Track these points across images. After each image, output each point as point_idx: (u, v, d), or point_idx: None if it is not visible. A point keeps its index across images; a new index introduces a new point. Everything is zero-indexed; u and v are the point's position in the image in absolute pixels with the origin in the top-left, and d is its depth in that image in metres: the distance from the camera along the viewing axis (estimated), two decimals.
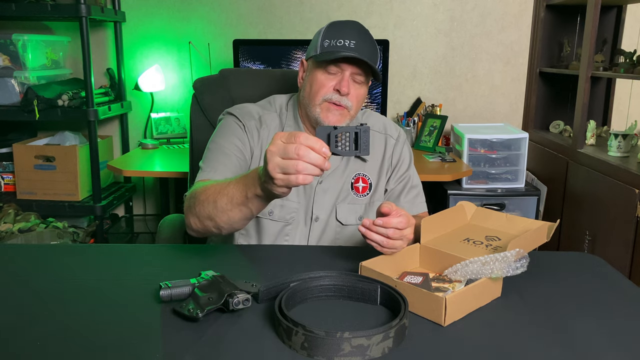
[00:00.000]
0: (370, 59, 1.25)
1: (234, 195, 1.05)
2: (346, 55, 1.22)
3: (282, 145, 0.90)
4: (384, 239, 1.02)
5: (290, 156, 0.89)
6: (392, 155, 1.42)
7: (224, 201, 1.06)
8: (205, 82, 1.64)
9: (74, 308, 0.94)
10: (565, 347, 0.84)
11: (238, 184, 1.04)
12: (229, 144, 1.30)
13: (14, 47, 2.53)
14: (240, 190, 1.03)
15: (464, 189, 2.53)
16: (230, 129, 1.33)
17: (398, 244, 1.04)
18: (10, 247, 1.68)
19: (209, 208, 1.09)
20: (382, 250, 1.04)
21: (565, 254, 1.50)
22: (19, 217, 2.42)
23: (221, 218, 1.08)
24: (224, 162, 1.27)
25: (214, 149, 1.31)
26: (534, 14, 2.90)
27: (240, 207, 1.05)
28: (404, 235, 1.04)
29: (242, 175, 1.05)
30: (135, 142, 3.00)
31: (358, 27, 1.28)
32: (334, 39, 1.25)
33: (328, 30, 1.28)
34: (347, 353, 0.78)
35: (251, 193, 1.01)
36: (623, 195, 1.99)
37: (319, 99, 1.27)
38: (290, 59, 2.62)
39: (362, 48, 1.25)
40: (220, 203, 1.07)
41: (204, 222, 1.12)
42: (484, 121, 3.00)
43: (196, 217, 1.13)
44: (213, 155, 1.29)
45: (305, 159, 0.89)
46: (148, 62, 2.93)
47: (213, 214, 1.09)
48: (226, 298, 0.90)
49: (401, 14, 2.91)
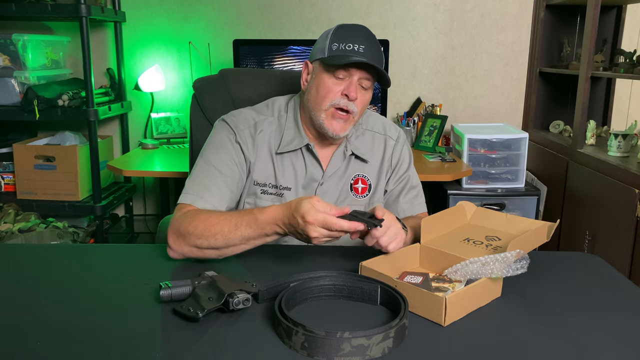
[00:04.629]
0: (378, 63, 1.24)
1: (249, 236, 1.10)
2: (358, 61, 1.21)
3: (322, 217, 1.01)
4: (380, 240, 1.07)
5: (333, 235, 1.03)
6: (391, 156, 1.42)
7: (237, 240, 1.11)
8: (205, 82, 1.64)
9: (74, 308, 0.94)
10: (565, 347, 0.84)
11: (250, 226, 1.10)
12: (218, 161, 1.27)
13: (14, 47, 2.53)
14: (256, 232, 1.10)
15: (464, 189, 2.53)
16: (220, 142, 1.30)
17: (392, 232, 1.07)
18: (10, 247, 1.68)
19: (217, 243, 1.11)
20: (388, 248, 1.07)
21: (565, 254, 1.50)
22: (19, 217, 2.42)
23: (232, 250, 1.13)
24: (210, 187, 1.24)
25: (202, 166, 1.28)
26: (534, 14, 2.90)
27: (255, 241, 1.12)
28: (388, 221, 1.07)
29: (254, 218, 1.10)
30: (136, 142, 3.00)
31: (366, 32, 1.27)
32: (343, 42, 1.24)
33: (336, 34, 1.26)
34: (347, 353, 0.78)
35: (270, 232, 1.10)
36: (623, 195, 1.99)
37: (326, 104, 1.26)
38: (290, 59, 2.62)
39: (371, 53, 1.24)
40: (232, 241, 1.11)
41: (205, 253, 1.14)
42: (484, 121, 3.00)
43: (195, 247, 1.13)
44: (199, 178, 1.26)
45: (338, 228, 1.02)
46: (148, 62, 2.93)
47: (221, 247, 1.12)
48: (226, 298, 0.90)
49: (401, 14, 2.91)
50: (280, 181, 1.32)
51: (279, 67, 2.62)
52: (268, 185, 1.32)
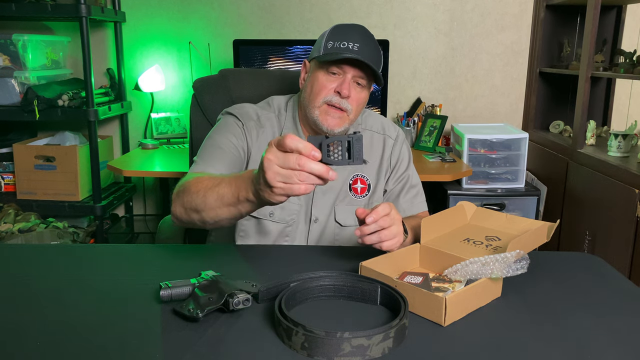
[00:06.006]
0: (373, 62, 1.24)
1: (225, 194, 1.02)
2: (348, 57, 1.22)
3: (281, 154, 0.87)
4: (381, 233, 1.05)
5: (291, 166, 0.86)
6: (390, 155, 1.42)
7: (214, 198, 1.03)
8: (205, 82, 1.64)
9: (74, 308, 0.94)
10: (565, 347, 0.84)
11: (230, 184, 1.02)
12: (225, 140, 1.29)
13: (14, 47, 2.53)
14: (232, 191, 1.01)
15: (464, 189, 2.53)
16: (227, 126, 1.33)
17: (395, 230, 1.06)
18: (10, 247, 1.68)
19: (197, 201, 1.06)
20: (383, 245, 1.06)
21: (565, 254, 1.50)
22: (19, 217, 2.42)
23: (208, 214, 1.06)
24: (219, 156, 1.26)
25: (209, 144, 1.30)
26: (534, 14, 2.90)
27: (229, 207, 1.03)
28: (394, 219, 1.06)
29: (236, 176, 1.03)
30: (136, 142, 3.00)
31: (362, 31, 1.28)
32: (338, 41, 1.25)
33: (332, 33, 1.28)
34: (347, 353, 0.78)
35: (243, 196, 0.99)
36: (623, 195, 1.99)
37: (319, 100, 1.27)
38: (290, 59, 2.62)
39: (366, 51, 1.24)
40: (209, 199, 1.04)
41: (189, 214, 1.09)
42: (484, 121, 3.00)
43: (182, 207, 1.10)
44: (208, 150, 1.28)
45: (307, 169, 0.87)
46: (148, 62, 2.93)
47: (200, 208, 1.06)
48: (226, 298, 0.90)
49: (401, 14, 2.91)
50: None
51: (279, 67, 2.62)
52: None
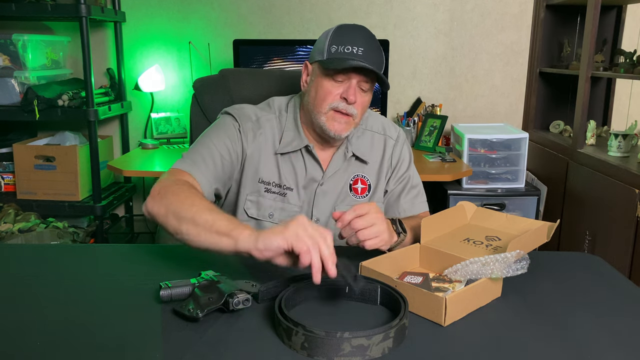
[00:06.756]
0: (378, 67, 1.24)
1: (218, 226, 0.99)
2: (355, 65, 1.20)
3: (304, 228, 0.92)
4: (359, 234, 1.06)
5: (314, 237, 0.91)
6: (391, 156, 1.42)
7: (202, 219, 1.00)
8: (205, 82, 1.64)
9: (74, 308, 0.94)
10: (565, 347, 0.84)
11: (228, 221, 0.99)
12: (217, 142, 1.28)
13: (14, 47, 2.53)
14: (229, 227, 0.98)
15: (464, 189, 2.53)
16: (223, 127, 1.32)
17: (375, 229, 1.07)
18: (10, 247, 1.68)
19: (183, 210, 1.03)
20: (365, 245, 1.07)
21: (565, 254, 1.50)
22: (19, 217, 2.42)
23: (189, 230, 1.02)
24: (206, 159, 1.25)
25: (202, 143, 1.29)
26: (534, 14, 2.90)
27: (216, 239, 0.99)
28: (373, 218, 1.07)
29: (236, 220, 1.01)
30: (136, 142, 3.00)
31: (366, 34, 1.26)
32: (342, 45, 1.23)
33: (335, 35, 1.25)
34: (347, 353, 0.78)
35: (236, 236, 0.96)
36: (623, 195, 1.99)
37: (325, 107, 1.26)
38: (291, 59, 2.62)
39: (370, 56, 1.23)
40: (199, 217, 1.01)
41: (167, 218, 1.05)
42: (484, 121, 3.00)
43: (163, 206, 1.07)
44: (199, 150, 1.27)
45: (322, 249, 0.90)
46: (148, 62, 2.93)
47: (182, 221, 1.03)
48: (226, 298, 0.90)
49: (401, 14, 2.91)
50: (283, 181, 1.32)
51: (279, 67, 2.62)
52: (272, 184, 1.32)
